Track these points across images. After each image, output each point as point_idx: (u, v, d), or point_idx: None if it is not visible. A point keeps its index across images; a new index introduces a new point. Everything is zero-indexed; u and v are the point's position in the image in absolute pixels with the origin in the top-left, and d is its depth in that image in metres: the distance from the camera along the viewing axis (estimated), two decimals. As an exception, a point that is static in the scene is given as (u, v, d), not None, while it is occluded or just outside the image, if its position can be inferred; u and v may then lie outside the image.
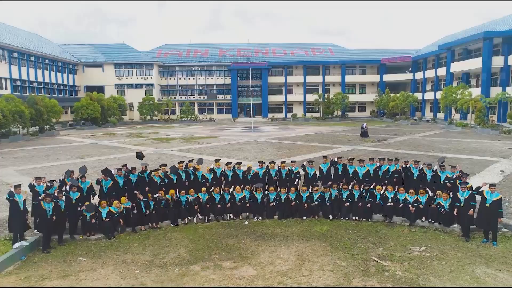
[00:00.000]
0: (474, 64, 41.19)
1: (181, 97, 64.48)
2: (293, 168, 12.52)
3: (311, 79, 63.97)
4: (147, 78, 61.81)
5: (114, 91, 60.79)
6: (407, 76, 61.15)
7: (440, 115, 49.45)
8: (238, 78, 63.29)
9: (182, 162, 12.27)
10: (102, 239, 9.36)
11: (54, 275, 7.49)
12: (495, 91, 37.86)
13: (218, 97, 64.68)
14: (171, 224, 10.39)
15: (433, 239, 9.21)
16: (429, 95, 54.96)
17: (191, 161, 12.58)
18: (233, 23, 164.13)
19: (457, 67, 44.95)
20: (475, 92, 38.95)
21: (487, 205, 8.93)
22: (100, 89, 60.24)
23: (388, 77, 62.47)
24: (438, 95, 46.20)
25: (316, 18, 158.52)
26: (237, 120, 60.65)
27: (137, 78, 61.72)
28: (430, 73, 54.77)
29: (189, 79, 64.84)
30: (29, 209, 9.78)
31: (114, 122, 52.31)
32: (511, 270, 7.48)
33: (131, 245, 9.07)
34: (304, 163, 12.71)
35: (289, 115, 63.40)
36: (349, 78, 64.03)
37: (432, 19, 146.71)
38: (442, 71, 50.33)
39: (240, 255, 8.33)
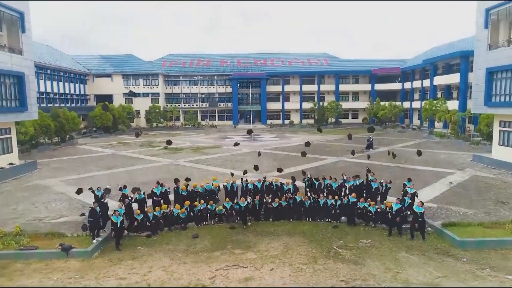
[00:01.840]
0: (454, 78, 45.35)
1: (185, 105, 68.59)
2: (285, 183, 16.67)
3: (307, 88, 68.16)
4: (153, 87, 65.96)
5: (122, 99, 64.88)
6: (396, 86, 65.36)
7: (426, 123, 53.61)
8: (239, 86, 67.38)
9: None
10: (150, 235, 13.45)
11: (127, 257, 11.61)
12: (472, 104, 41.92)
13: (219, 105, 68.80)
14: (195, 226, 14.49)
15: (378, 235, 13.34)
16: (417, 104, 59.08)
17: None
18: (233, 23, 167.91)
19: (439, 80, 49.16)
20: (455, 104, 43.15)
21: (418, 213, 13.00)
22: (109, 97, 64.44)
23: (379, 86, 66.71)
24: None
25: (316, 18, 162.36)
26: (238, 126, 64.79)
27: (144, 87, 65.84)
28: (417, 84, 58.96)
29: (192, 88, 68.94)
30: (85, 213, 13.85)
31: (124, 129, 56.35)
32: (420, 254, 11.61)
33: (170, 239, 13.19)
34: (291, 179, 16.89)
35: (287, 121, 67.64)
36: (342, 87, 68.26)
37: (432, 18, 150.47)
38: (427, 83, 54.50)
39: (245, 246, 12.45)
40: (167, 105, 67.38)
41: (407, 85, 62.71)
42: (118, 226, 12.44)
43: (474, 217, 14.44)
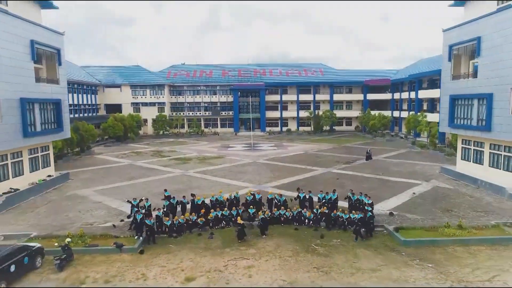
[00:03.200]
0: (435, 93, 49.85)
1: (189, 113, 73.21)
2: (280, 196, 21.22)
3: (303, 97, 72.82)
4: (159, 97, 70.58)
5: (131, 108, 69.61)
6: (387, 96, 70.06)
7: (412, 133, 58.20)
8: (239, 95, 71.97)
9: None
10: (176, 237, 17.98)
11: (163, 252, 16.14)
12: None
13: (221, 113, 73.43)
14: (209, 229, 19.04)
15: (347, 236, 17.87)
16: (405, 114, 63.51)
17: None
18: (232, 23, 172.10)
19: (424, 94, 53.83)
20: (437, 117, 47.70)
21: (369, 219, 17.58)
22: (118, 106, 69.24)
23: (371, 96, 71.44)
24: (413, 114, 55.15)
25: (314, 18, 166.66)
26: (239, 134, 69.43)
27: (151, 97, 70.49)
28: (405, 95, 63.57)
29: (196, 97, 73.54)
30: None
31: (133, 138, 60.95)
32: (373, 250, 16.14)
33: (192, 239, 17.72)
34: (277, 194, 21.37)
35: (285, 129, 72.33)
36: (336, 97, 72.93)
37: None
38: (414, 94, 59.12)
39: (248, 244, 16.98)
40: (172, 114, 71.98)
41: (396, 95, 67.33)
42: (152, 227, 17.07)
43: (420, 223, 19.00)
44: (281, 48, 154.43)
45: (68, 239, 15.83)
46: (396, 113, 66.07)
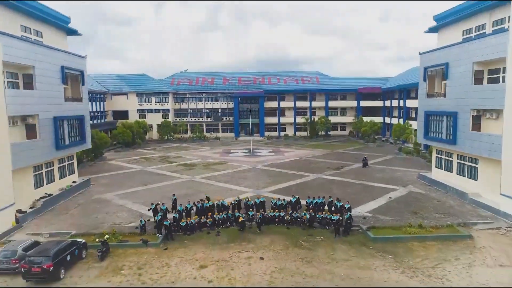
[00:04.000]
0: (421, 103, 54.03)
1: (192, 119, 77.36)
2: (277, 200, 25.33)
3: (300, 104, 77.00)
4: (164, 104, 74.77)
5: (137, 115, 73.81)
6: (379, 103, 74.22)
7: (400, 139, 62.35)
8: (239, 101, 76.07)
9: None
10: (189, 234, 22.06)
11: (180, 247, 20.24)
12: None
13: (222, 119, 77.58)
14: (216, 228, 23.14)
15: (328, 234, 21.95)
16: (395, 120, 67.81)
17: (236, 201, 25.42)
18: (230, 23, 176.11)
19: (411, 103, 57.87)
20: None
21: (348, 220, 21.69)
22: (125, 113, 73.48)
23: (364, 103, 75.68)
24: (401, 121, 59.29)
25: (314, 18, 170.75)
26: (239, 139, 73.58)
27: (156, 104, 74.66)
28: (395, 103, 67.73)
29: (198, 104, 77.69)
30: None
31: (139, 143, 65.04)
32: (348, 245, 20.24)
33: (203, 236, 21.80)
34: (273, 199, 25.49)
35: (282, 134, 76.56)
36: (332, 103, 77.14)
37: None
38: (403, 103, 63.26)
39: (248, 240, 21.08)
40: (176, 119, 76.11)
41: (388, 103, 71.48)
42: (168, 227, 21.22)
43: (390, 223, 23.10)
44: (281, 48, 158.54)
45: (106, 236, 19.92)
46: (387, 120, 70.25)
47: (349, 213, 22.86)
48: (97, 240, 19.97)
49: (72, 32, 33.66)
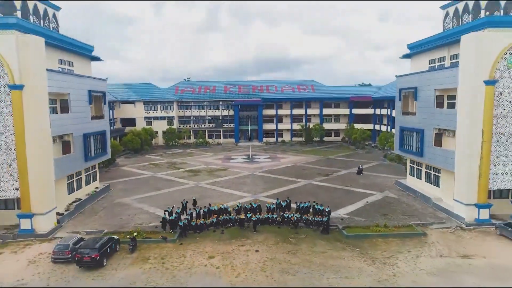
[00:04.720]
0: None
1: (195, 126, 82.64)
2: (271, 204, 30.56)
3: (296, 111, 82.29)
4: (169, 111, 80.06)
5: (143, 122, 79.11)
6: (369, 111, 79.49)
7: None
8: (239, 108, 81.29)
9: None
10: (199, 232, 27.26)
11: (192, 242, 25.45)
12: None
13: (223, 125, 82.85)
14: (221, 227, 28.33)
15: (313, 234, 27.13)
16: (385, 128, 73.10)
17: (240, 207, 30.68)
18: (230, 23, 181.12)
19: (397, 113, 63.15)
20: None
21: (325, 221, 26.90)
22: (133, 120, 78.75)
23: (356, 111, 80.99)
24: (389, 129, 64.62)
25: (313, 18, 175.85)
26: (239, 144, 78.86)
27: (161, 111, 79.95)
28: (384, 111, 72.94)
29: (201, 111, 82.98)
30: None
31: (147, 149, 70.28)
32: (326, 241, 25.44)
33: (210, 234, 27.00)
34: (268, 203, 30.74)
35: (280, 139, 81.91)
36: (326, 111, 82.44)
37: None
38: (391, 112, 68.52)
39: (246, 237, 26.29)
40: (180, 126, 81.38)
41: (378, 111, 76.73)
42: (182, 226, 26.46)
43: (362, 223, 28.31)
44: (281, 48, 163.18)
45: (135, 233, 25.14)
46: (378, 127, 75.50)
47: (327, 216, 28.03)
48: (127, 236, 25.18)
49: (95, 59, 38.88)
